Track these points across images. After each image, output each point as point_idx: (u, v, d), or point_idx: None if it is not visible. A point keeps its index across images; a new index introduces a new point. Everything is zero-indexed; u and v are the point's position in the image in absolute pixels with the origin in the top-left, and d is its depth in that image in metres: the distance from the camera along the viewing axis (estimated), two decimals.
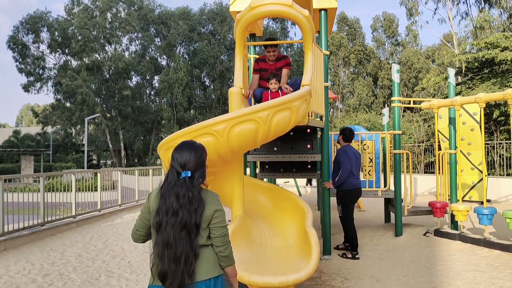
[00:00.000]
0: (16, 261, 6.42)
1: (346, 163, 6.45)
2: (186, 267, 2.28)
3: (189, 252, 2.30)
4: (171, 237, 2.29)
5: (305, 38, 5.16)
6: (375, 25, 39.06)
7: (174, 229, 2.29)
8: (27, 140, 42.76)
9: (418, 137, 21.20)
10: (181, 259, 2.27)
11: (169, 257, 2.28)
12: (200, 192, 2.39)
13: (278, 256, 4.64)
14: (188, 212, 2.31)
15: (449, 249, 6.66)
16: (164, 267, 2.29)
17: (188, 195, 2.32)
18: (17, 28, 34.18)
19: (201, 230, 2.37)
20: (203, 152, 2.50)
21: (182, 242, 2.29)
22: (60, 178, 11.68)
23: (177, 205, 2.30)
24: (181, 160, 2.38)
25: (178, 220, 2.29)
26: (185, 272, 2.28)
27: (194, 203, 2.33)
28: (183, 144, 2.49)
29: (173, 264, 2.27)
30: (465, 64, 18.98)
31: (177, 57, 33.91)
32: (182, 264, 2.28)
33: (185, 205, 2.31)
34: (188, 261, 2.29)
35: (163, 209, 2.33)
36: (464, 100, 7.08)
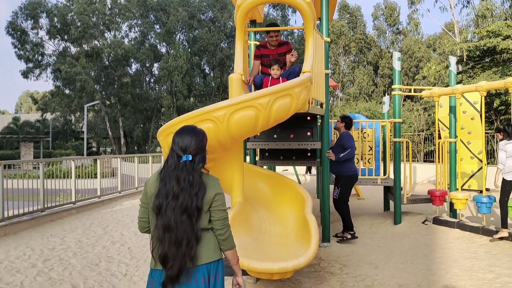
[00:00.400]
0: (16, 246, 6.44)
1: (353, 146, 6.67)
2: (187, 250, 2.29)
3: (190, 236, 2.29)
4: (171, 220, 2.28)
5: (306, 25, 5.12)
6: (376, 13, 38.76)
7: (175, 213, 2.29)
8: (26, 127, 42.66)
9: (418, 126, 21.18)
10: (182, 243, 2.28)
11: (170, 240, 2.28)
12: (201, 176, 2.38)
13: (277, 243, 4.66)
14: (189, 195, 2.30)
15: (448, 237, 6.70)
16: (164, 250, 2.29)
17: (189, 178, 2.32)
18: (16, 13, 33.87)
19: (202, 213, 2.37)
20: (204, 136, 2.49)
21: (183, 225, 2.29)
22: (60, 165, 11.70)
23: (178, 189, 2.30)
24: (182, 144, 2.38)
25: (179, 203, 2.29)
26: (187, 255, 2.29)
27: (195, 187, 2.32)
28: (184, 129, 2.48)
29: (174, 248, 2.27)
30: (466, 52, 18.88)
31: (176, 44, 33.67)
32: (183, 247, 2.28)
33: (186, 189, 2.30)
34: (189, 245, 2.29)
35: (163, 193, 2.32)
36: (465, 88, 7.05)
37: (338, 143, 6.87)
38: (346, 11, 38.21)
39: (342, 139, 6.82)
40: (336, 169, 6.75)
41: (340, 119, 7.06)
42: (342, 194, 6.76)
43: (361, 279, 5.00)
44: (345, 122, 6.98)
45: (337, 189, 6.79)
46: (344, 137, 6.80)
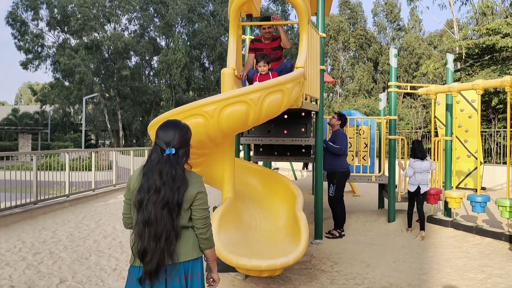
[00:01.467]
0: (7, 239, 6.41)
1: (343, 146, 6.77)
2: (166, 246, 2.25)
3: (170, 231, 2.26)
4: (152, 214, 2.25)
5: (300, 19, 5.06)
6: (376, 9, 38.62)
7: (156, 207, 2.25)
8: (25, 118, 42.63)
9: (416, 124, 21.12)
10: (161, 237, 2.24)
11: (149, 234, 2.25)
12: (184, 171, 2.35)
13: (267, 239, 4.63)
14: (171, 190, 2.27)
15: (441, 236, 6.67)
16: (144, 245, 2.25)
17: (171, 172, 2.29)
18: (17, 4, 33.70)
19: (183, 211, 2.33)
20: (188, 131, 2.45)
21: (163, 220, 2.25)
22: (58, 157, 11.65)
23: (160, 182, 2.27)
24: (165, 137, 2.35)
25: (160, 197, 2.26)
26: (165, 251, 2.25)
27: (177, 181, 2.29)
28: (167, 123, 2.45)
29: (153, 242, 2.24)
30: (465, 50, 18.79)
31: (175, 38, 33.53)
32: (162, 242, 2.24)
33: (168, 183, 2.27)
34: (168, 240, 2.26)
35: (144, 187, 2.29)
36: (461, 86, 7.00)
37: (332, 139, 6.92)
38: (347, 7, 38.05)
39: (336, 136, 6.87)
40: (329, 165, 6.78)
41: (337, 116, 7.07)
42: (337, 191, 6.80)
43: (351, 277, 4.97)
44: (342, 120, 7.05)
45: (332, 186, 6.79)
46: (339, 135, 6.87)
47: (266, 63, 5.36)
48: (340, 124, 7.00)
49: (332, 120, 7.07)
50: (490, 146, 15.33)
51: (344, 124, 7.12)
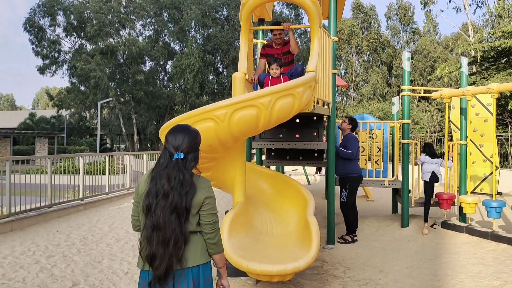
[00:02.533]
0: (21, 242, 6.49)
1: (355, 151, 6.71)
2: (174, 251, 2.25)
3: (178, 236, 2.26)
4: (160, 219, 2.25)
5: (311, 23, 5.04)
6: (389, 13, 38.38)
7: (164, 212, 2.25)
8: (42, 122, 43.24)
9: (431, 128, 20.89)
10: (170, 242, 2.24)
11: (157, 239, 2.25)
12: (192, 176, 2.35)
13: (278, 244, 4.61)
14: (179, 194, 2.26)
15: (456, 241, 6.56)
16: (152, 250, 2.25)
17: (179, 177, 2.28)
18: (34, 10, 34.31)
19: (191, 216, 2.33)
20: (197, 135, 2.45)
21: (172, 225, 2.25)
22: (73, 161, 11.79)
23: (168, 187, 2.26)
24: (174, 142, 2.35)
25: (169, 202, 2.26)
26: (174, 256, 2.25)
27: (185, 186, 2.29)
28: (177, 127, 2.45)
29: (161, 247, 2.24)
30: (480, 53, 18.55)
31: (189, 42, 33.76)
32: (171, 247, 2.24)
33: (176, 187, 2.27)
34: (177, 245, 2.26)
35: (153, 192, 2.29)
36: (476, 90, 6.90)
37: (343, 143, 6.88)
38: (360, 11, 37.90)
39: (348, 140, 6.82)
40: (342, 170, 6.74)
41: (348, 120, 7.01)
42: (350, 196, 6.75)
43: (364, 283, 4.91)
44: (352, 124, 6.99)
45: (345, 191, 6.74)
46: (350, 139, 6.82)
47: (278, 66, 5.36)
48: (351, 128, 6.95)
49: (342, 124, 7.02)
50: (506, 150, 15.08)
51: (355, 128, 7.06)
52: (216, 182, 5.10)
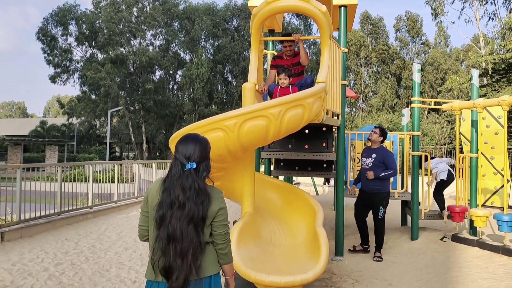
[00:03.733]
0: (30, 249, 6.52)
1: (396, 168, 6.29)
2: (193, 261, 2.22)
3: (196, 246, 2.23)
4: (177, 230, 2.21)
5: (322, 34, 5.06)
6: (397, 25, 38.38)
7: (181, 222, 2.22)
8: (53, 130, 43.67)
9: (440, 140, 20.74)
10: (188, 254, 2.21)
11: (175, 251, 2.21)
12: (205, 186, 2.34)
13: (286, 255, 4.58)
14: (195, 204, 2.24)
15: (466, 255, 6.48)
16: (169, 262, 2.21)
17: (195, 187, 2.26)
18: (47, 20, 34.84)
19: (205, 226, 2.31)
20: (207, 144, 2.44)
21: (189, 235, 2.22)
22: (83, 169, 11.87)
23: (184, 198, 2.23)
24: (185, 152, 2.33)
25: (185, 212, 2.23)
26: (192, 267, 2.22)
27: (200, 196, 2.27)
28: (187, 137, 2.43)
29: (179, 259, 2.20)
30: (491, 65, 18.45)
31: (198, 52, 34.02)
32: (189, 258, 2.21)
33: (192, 197, 2.24)
34: (195, 256, 2.23)
35: (166, 202, 2.26)
36: (487, 102, 6.85)
37: (379, 159, 6.29)
38: (368, 22, 37.96)
39: (387, 157, 6.30)
40: (377, 185, 6.30)
41: (380, 132, 6.44)
42: (384, 212, 6.41)
43: None
44: (384, 136, 6.46)
45: (382, 208, 6.32)
46: (389, 156, 6.32)
47: (287, 76, 5.38)
48: (382, 140, 6.45)
49: (373, 136, 6.43)
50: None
51: (385, 139, 6.56)
52: (225, 192, 5.07)
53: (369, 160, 6.37)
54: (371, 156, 6.36)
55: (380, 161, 6.25)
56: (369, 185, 6.31)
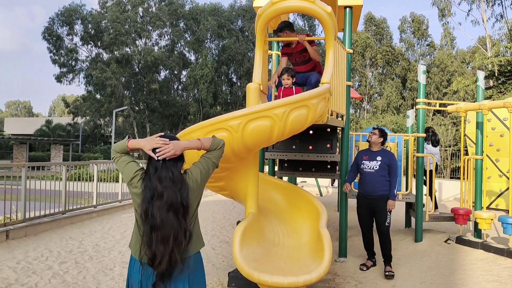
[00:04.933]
0: (35, 247, 6.55)
1: (398, 171, 6.02)
2: (176, 247, 2.35)
3: (177, 232, 2.36)
4: (157, 218, 2.34)
5: (326, 35, 5.05)
6: (402, 26, 38.22)
7: (161, 211, 2.35)
8: (58, 129, 43.89)
9: (446, 141, 20.66)
10: (169, 240, 2.34)
11: (156, 239, 2.34)
12: (181, 174, 2.50)
13: (290, 256, 4.57)
14: (173, 192, 2.39)
15: (470, 257, 6.44)
16: (152, 250, 2.35)
17: (169, 175, 2.42)
18: (53, 20, 34.97)
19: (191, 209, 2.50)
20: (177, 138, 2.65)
21: (170, 222, 2.35)
22: (87, 168, 11.90)
23: (161, 187, 2.38)
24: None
25: (164, 201, 2.36)
26: (176, 252, 2.35)
27: (177, 183, 2.42)
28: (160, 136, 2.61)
29: (161, 245, 2.34)
30: (497, 67, 18.36)
31: (202, 53, 34.05)
32: (170, 244, 2.34)
33: (169, 186, 2.39)
34: (177, 241, 2.36)
35: (147, 196, 2.40)
36: (492, 104, 6.82)
37: (386, 162, 5.88)
38: (372, 23, 37.85)
39: (393, 161, 5.91)
40: (385, 188, 5.85)
41: (379, 133, 6.06)
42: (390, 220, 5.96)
43: None
44: (384, 137, 6.07)
45: (389, 214, 5.86)
46: (395, 160, 5.97)
47: (290, 76, 5.38)
48: (382, 141, 6.06)
49: (373, 137, 6.04)
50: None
51: (386, 140, 6.19)
52: (228, 192, 5.11)
53: (374, 163, 5.91)
54: (376, 159, 5.93)
55: (386, 164, 5.86)
56: (377, 189, 5.82)
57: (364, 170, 5.97)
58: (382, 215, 5.83)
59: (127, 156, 2.64)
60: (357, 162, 6.12)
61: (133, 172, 2.55)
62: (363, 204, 6.03)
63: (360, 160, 6.07)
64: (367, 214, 6.02)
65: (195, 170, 2.61)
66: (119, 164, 2.61)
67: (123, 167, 2.59)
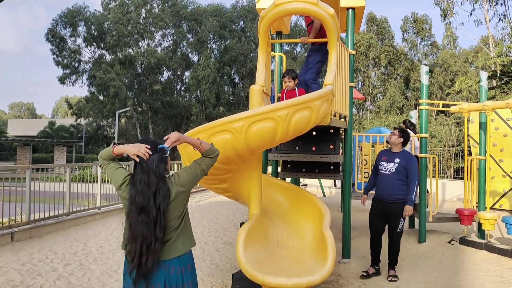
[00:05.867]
0: (40, 249, 6.58)
1: (417, 175, 5.68)
2: (145, 249, 2.46)
3: (147, 235, 2.46)
4: (131, 221, 2.50)
5: (329, 37, 5.06)
6: (404, 26, 38.11)
7: (132, 214, 2.50)
8: (61, 131, 44.00)
9: (449, 141, 20.61)
10: (137, 241, 2.46)
11: (130, 239, 2.51)
12: (160, 176, 2.57)
13: (293, 257, 4.58)
14: (146, 195, 2.49)
15: (474, 258, 6.44)
16: (128, 247, 2.54)
17: (144, 179, 2.52)
18: (56, 21, 35.01)
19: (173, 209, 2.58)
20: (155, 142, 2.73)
21: (139, 225, 2.47)
22: (91, 169, 11.94)
23: (134, 191, 2.52)
24: None
25: (135, 205, 2.50)
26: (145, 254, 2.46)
27: (151, 187, 2.51)
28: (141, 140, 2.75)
29: (133, 245, 2.48)
30: (500, 67, 18.32)
31: (204, 54, 34.08)
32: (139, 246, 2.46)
33: (141, 190, 2.50)
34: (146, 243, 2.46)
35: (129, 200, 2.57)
36: (495, 104, 6.82)
37: (403, 165, 5.59)
38: (373, 23, 37.77)
39: (411, 164, 5.59)
40: (401, 194, 5.57)
41: (399, 133, 5.75)
42: (403, 225, 5.70)
43: None
44: (404, 137, 5.74)
45: (403, 220, 5.60)
46: (414, 163, 5.63)
47: (291, 79, 5.40)
48: (402, 142, 5.73)
49: (392, 138, 5.76)
50: None
51: (407, 141, 5.82)
52: (232, 194, 5.13)
53: (391, 165, 5.64)
54: (393, 160, 5.64)
55: (403, 167, 5.56)
56: (391, 193, 5.56)
57: (381, 171, 5.76)
58: (395, 220, 5.59)
59: (114, 162, 2.74)
60: (376, 163, 5.95)
61: (121, 178, 2.67)
62: (377, 208, 5.77)
63: (379, 160, 5.87)
64: (380, 218, 5.75)
65: (183, 174, 2.69)
66: (108, 170, 2.72)
67: (111, 174, 2.70)
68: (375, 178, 5.93)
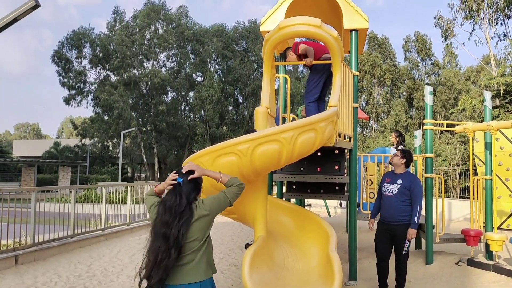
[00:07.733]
0: (44, 272, 6.54)
1: (421, 197, 5.58)
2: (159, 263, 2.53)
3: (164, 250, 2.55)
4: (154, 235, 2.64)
5: (333, 59, 5.11)
6: (407, 45, 38.39)
7: (157, 227, 2.65)
8: (66, 151, 44.16)
9: (454, 160, 20.53)
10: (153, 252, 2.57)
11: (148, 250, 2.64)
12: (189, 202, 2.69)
13: (299, 280, 4.54)
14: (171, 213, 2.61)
15: (482, 280, 6.35)
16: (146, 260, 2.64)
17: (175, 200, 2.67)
18: (62, 43, 35.52)
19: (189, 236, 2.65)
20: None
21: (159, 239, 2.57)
22: (95, 190, 11.94)
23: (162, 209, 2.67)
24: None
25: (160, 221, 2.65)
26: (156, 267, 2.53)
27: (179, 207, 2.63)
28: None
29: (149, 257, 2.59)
30: (503, 86, 18.35)
31: (207, 74, 34.36)
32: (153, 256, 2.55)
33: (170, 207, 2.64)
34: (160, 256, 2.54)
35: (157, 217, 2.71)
36: (500, 124, 6.81)
37: (406, 186, 5.54)
38: (375, 43, 38.08)
39: (415, 185, 5.53)
40: (405, 214, 5.50)
41: (401, 154, 5.76)
42: (408, 248, 5.61)
43: None
44: (407, 158, 5.73)
45: (408, 242, 5.52)
46: (418, 185, 5.56)
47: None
48: (405, 163, 5.71)
49: (394, 159, 5.77)
50: None
51: (410, 162, 5.80)
52: (237, 216, 5.10)
53: (394, 186, 5.62)
54: (396, 182, 5.62)
55: (407, 188, 5.50)
56: (394, 215, 5.50)
57: (384, 193, 5.71)
58: (400, 243, 5.51)
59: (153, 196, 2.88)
60: (380, 185, 5.91)
61: (151, 203, 2.82)
62: (382, 231, 5.71)
63: (383, 182, 5.84)
64: (385, 242, 5.66)
65: (208, 199, 2.79)
66: (146, 202, 2.91)
67: (147, 203, 2.88)
68: (380, 201, 5.89)
